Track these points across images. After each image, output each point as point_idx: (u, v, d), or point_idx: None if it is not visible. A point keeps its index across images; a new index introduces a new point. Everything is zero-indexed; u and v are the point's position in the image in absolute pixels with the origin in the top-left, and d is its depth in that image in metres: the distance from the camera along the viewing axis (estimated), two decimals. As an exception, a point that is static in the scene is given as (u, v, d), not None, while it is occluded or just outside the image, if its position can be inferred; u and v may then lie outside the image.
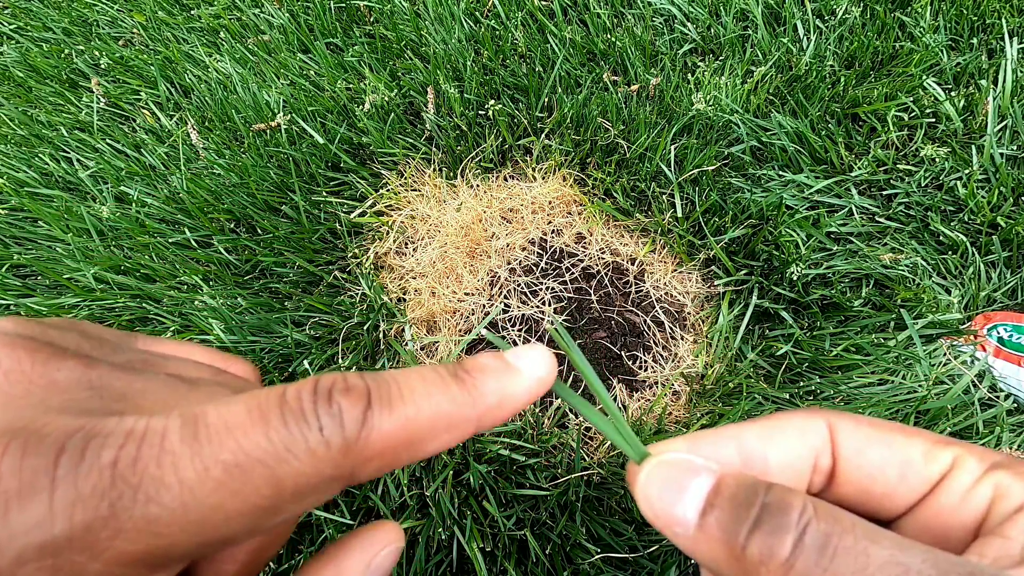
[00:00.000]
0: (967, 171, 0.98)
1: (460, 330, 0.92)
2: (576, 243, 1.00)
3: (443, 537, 0.72)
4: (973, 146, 1.00)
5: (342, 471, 0.15)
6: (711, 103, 1.08)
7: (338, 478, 0.15)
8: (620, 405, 0.86)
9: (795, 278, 0.87)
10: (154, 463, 0.13)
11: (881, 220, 0.97)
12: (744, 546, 0.16)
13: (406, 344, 0.90)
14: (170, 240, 0.98)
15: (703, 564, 0.18)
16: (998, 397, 0.81)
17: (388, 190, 1.05)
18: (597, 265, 0.98)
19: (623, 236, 1.01)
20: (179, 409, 0.14)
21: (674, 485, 0.18)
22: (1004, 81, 1.05)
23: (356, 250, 0.98)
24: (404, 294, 0.96)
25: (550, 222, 1.02)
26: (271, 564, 0.70)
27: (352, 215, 1.01)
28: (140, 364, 0.18)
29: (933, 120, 1.05)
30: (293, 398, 0.14)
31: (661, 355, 0.89)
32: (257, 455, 0.14)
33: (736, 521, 0.16)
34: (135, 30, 1.39)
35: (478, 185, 1.06)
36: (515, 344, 0.91)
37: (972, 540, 0.18)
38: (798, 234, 0.92)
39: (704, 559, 0.17)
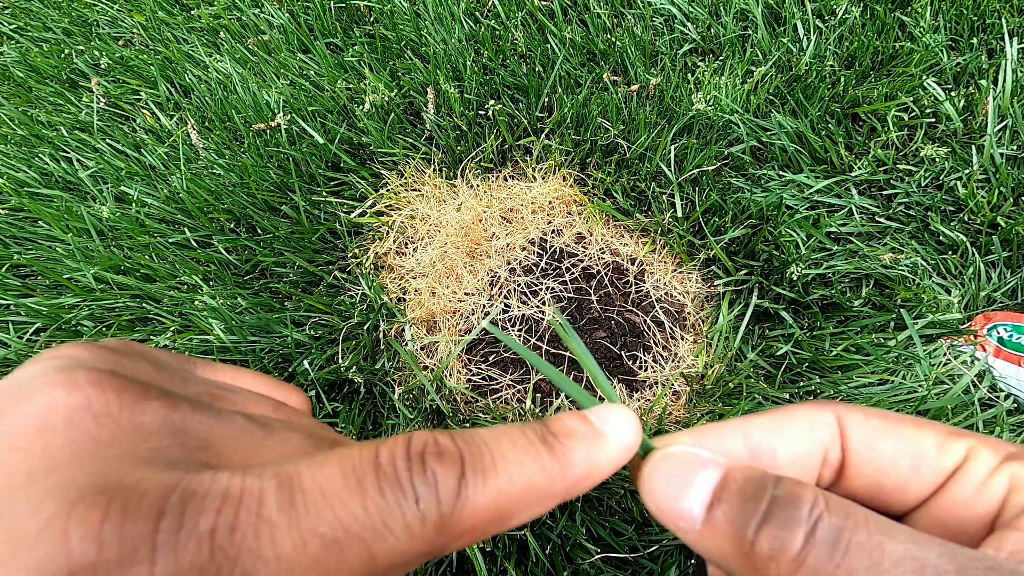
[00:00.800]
0: (967, 171, 0.98)
1: (460, 330, 0.92)
2: (576, 243, 1.00)
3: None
4: (973, 146, 1.00)
5: (434, 547, 0.14)
6: (711, 103, 1.08)
7: (428, 554, 0.14)
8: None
9: (795, 278, 0.87)
10: (252, 534, 0.13)
11: (881, 220, 0.97)
12: (753, 541, 0.16)
13: (406, 344, 0.90)
14: (170, 240, 0.98)
15: (710, 559, 0.17)
16: (998, 397, 0.81)
17: (388, 190, 1.05)
18: (597, 265, 0.98)
19: (623, 236, 1.01)
20: (273, 467, 0.14)
21: (679, 479, 0.18)
22: (1004, 81, 1.05)
23: (356, 250, 0.98)
24: (404, 294, 0.96)
25: (550, 222, 1.02)
26: None
27: (352, 215, 1.02)
28: (209, 398, 0.18)
29: (933, 120, 1.05)
30: (387, 463, 0.14)
31: (661, 355, 0.89)
32: (355, 529, 0.13)
33: (744, 515, 0.16)
34: (135, 30, 1.39)
35: (478, 185, 1.06)
36: (517, 343, 0.91)
37: (987, 533, 0.17)
38: (798, 234, 0.92)
39: (711, 554, 0.17)
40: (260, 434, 0.17)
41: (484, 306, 0.94)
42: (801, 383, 0.83)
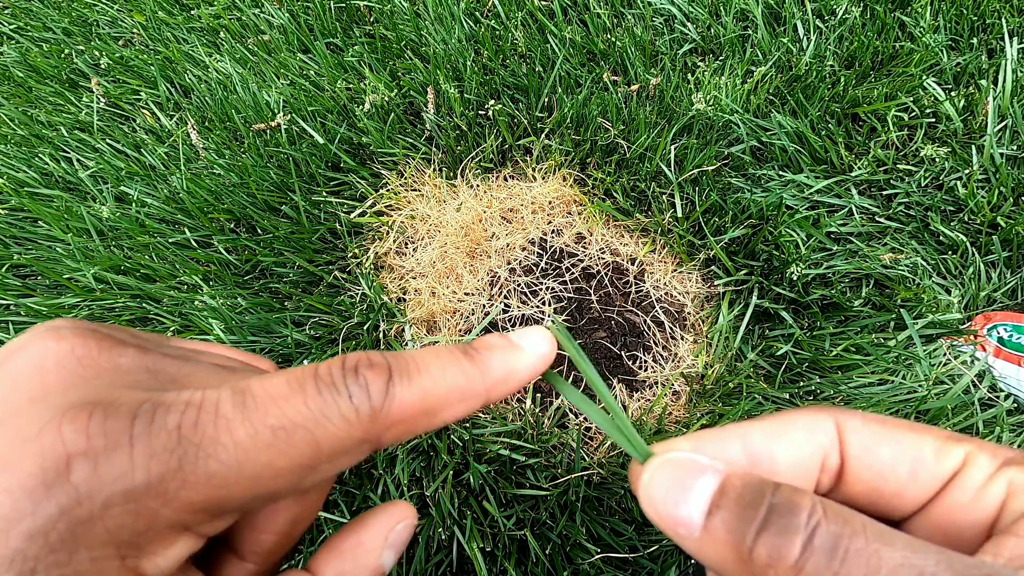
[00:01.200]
0: (967, 171, 0.98)
1: (460, 330, 0.92)
2: (576, 243, 1.00)
3: (443, 537, 0.72)
4: (973, 146, 1.00)
5: (369, 435, 0.17)
6: (711, 103, 1.08)
7: (366, 441, 0.17)
8: (620, 405, 0.86)
9: (795, 278, 0.87)
10: (211, 427, 0.15)
11: (881, 220, 0.97)
12: (751, 548, 0.16)
13: (406, 344, 0.90)
14: (170, 240, 0.98)
15: (709, 566, 0.18)
16: (998, 397, 0.81)
17: (388, 190, 1.05)
18: (597, 265, 0.98)
19: (623, 236, 1.01)
20: (227, 385, 0.17)
21: (678, 485, 0.18)
22: (1004, 81, 1.05)
23: (356, 250, 0.98)
24: (404, 294, 0.96)
25: (550, 222, 1.02)
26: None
27: (352, 215, 1.01)
28: (183, 355, 0.21)
29: (933, 120, 1.05)
30: (324, 373, 0.17)
31: (661, 355, 0.89)
32: (298, 420, 0.16)
33: (743, 522, 0.16)
34: (135, 30, 1.39)
35: (478, 185, 1.06)
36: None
37: (986, 538, 0.17)
38: (798, 234, 0.92)
39: (710, 561, 0.17)
40: (225, 373, 0.20)
41: (484, 306, 0.94)
42: (801, 383, 0.83)
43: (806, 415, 0.20)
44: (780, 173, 1.02)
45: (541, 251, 0.99)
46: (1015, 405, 0.81)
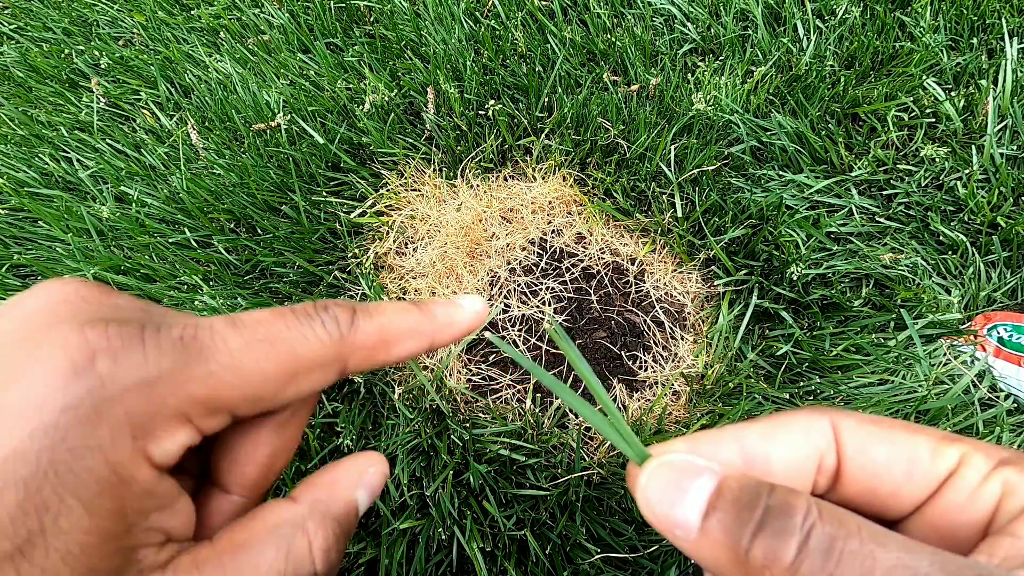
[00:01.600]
0: (967, 171, 0.98)
1: (460, 330, 0.92)
2: (576, 243, 1.00)
3: (443, 537, 0.72)
4: (973, 146, 1.00)
5: (339, 355, 0.21)
6: (711, 103, 1.08)
7: (337, 360, 0.21)
8: (620, 405, 0.86)
9: (795, 278, 0.87)
10: (208, 337, 0.18)
11: (881, 220, 0.97)
12: (748, 549, 0.16)
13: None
14: (170, 240, 0.98)
15: (706, 567, 0.18)
16: (998, 397, 0.81)
17: (388, 190, 1.05)
18: (597, 265, 0.98)
19: (623, 236, 1.01)
20: (217, 316, 0.20)
21: (675, 487, 0.18)
22: (1004, 81, 1.05)
23: (356, 250, 0.98)
24: (404, 294, 0.96)
25: (550, 222, 1.02)
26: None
27: (352, 215, 1.01)
28: None
29: (933, 120, 1.05)
30: (300, 308, 0.21)
31: (661, 355, 0.89)
32: (281, 336, 0.19)
33: (739, 524, 0.16)
34: (135, 30, 1.39)
35: (478, 185, 1.06)
36: (516, 346, 0.91)
37: (981, 539, 0.18)
38: (798, 234, 0.92)
39: (707, 562, 0.17)
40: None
41: (484, 306, 0.94)
42: (801, 383, 0.83)
43: (802, 416, 0.20)
44: (780, 173, 1.02)
45: (541, 251, 0.99)
46: (1015, 405, 0.81)
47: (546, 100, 1.10)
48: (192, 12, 1.39)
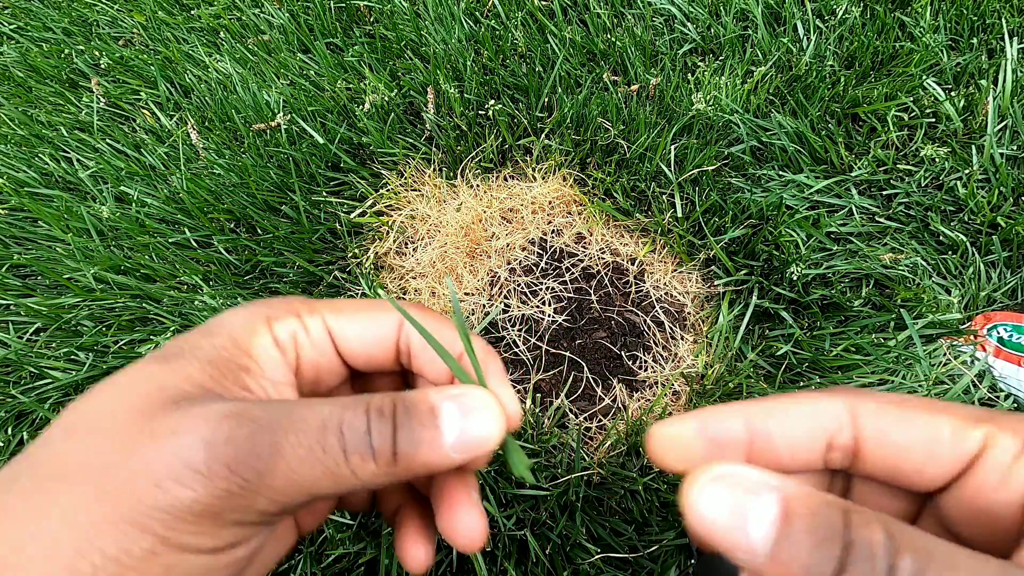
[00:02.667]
0: (967, 171, 0.98)
1: (460, 330, 0.92)
2: (576, 243, 1.00)
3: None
4: (973, 146, 1.00)
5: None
6: (711, 103, 1.08)
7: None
8: (620, 405, 0.86)
9: (795, 278, 0.87)
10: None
11: (881, 220, 0.97)
12: None
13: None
14: (170, 240, 0.98)
15: None
16: (998, 397, 0.81)
17: (388, 190, 1.05)
18: (597, 265, 0.98)
19: (623, 236, 1.01)
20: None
21: (735, 509, 0.17)
22: (1004, 81, 1.05)
23: (356, 250, 0.98)
24: (404, 294, 0.96)
25: (550, 222, 1.02)
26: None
27: (352, 215, 1.01)
28: None
29: (933, 120, 1.05)
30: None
31: (661, 355, 0.89)
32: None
33: (818, 560, 0.16)
34: (135, 30, 1.39)
35: (478, 185, 1.06)
36: (516, 346, 0.91)
37: (1023, 515, 0.18)
38: (798, 234, 0.92)
39: None
40: None
41: (484, 306, 0.94)
42: (801, 383, 0.83)
43: (813, 397, 0.20)
44: (780, 173, 1.02)
45: (541, 251, 0.99)
46: (1015, 405, 0.81)
47: (546, 100, 1.10)
48: (192, 12, 1.39)
